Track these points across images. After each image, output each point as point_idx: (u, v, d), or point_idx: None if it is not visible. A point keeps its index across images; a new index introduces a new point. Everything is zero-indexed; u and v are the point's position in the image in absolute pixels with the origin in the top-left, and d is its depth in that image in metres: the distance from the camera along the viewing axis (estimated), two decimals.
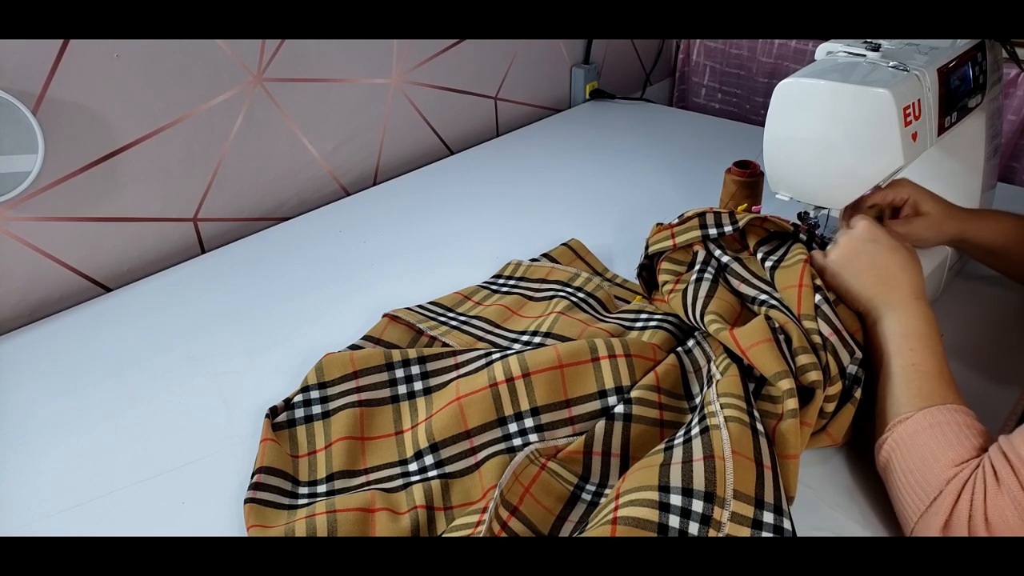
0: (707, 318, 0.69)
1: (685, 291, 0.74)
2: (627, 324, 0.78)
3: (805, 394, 0.61)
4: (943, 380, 0.59)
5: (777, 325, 0.65)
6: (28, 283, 0.88)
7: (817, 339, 0.63)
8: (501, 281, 0.91)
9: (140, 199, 0.95)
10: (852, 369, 0.64)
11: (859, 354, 0.65)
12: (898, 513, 0.56)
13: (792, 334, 0.64)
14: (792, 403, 0.59)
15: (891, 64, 0.73)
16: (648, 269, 0.84)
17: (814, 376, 0.60)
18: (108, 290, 0.95)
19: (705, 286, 0.73)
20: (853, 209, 0.77)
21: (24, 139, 0.80)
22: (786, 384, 0.59)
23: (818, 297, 0.67)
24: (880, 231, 0.69)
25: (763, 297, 0.70)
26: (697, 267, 0.76)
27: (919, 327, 0.62)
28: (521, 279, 0.91)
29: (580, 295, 0.84)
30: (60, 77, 0.83)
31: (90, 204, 0.91)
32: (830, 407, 0.62)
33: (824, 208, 0.78)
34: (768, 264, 0.73)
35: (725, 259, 0.76)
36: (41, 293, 0.90)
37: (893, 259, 0.67)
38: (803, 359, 0.61)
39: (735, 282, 0.74)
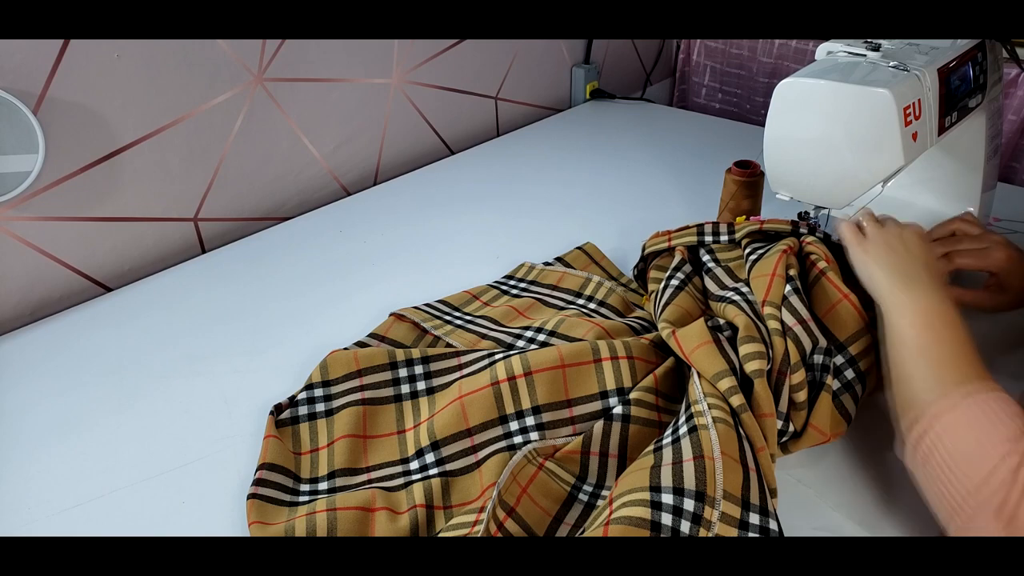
0: (660, 323, 0.70)
1: (653, 295, 0.77)
2: (637, 328, 0.78)
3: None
4: (979, 362, 0.57)
5: (723, 322, 0.67)
6: (29, 283, 0.88)
7: (776, 325, 0.64)
8: (512, 282, 0.91)
9: (140, 199, 0.95)
10: (819, 359, 0.65)
11: (823, 342, 0.65)
12: (939, 500, 0.52)
13: (740, 324, 0.65)
14: (737, 399, 0.59)
15: (891, 64, 0.73)
16: (645, 273, 0.86)
17: (756, 364, 0.61)
18: (108, 290, 0.95)
19: (668, 292, 0.74)
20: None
21: (24, 139, 0.80)
22: (726, 383, 0.60)
23: (788, 288, 0.67)
24: (922, 230, 0.68)
25: (727, 294, 0.71)
26: (668, 272, 0.78)
27: (946, 310, 0.60)
28: (533, 283, 0.91)
29: (592, 306, 0.84)
30: (60, 77, 0.83)
31: (90, 204, 0.91)
32: (800, 396, 0.62)
33: (824, 208, 0.78)
34: (753, 257, 0.74)
35: (710, 264, 0.77)
36: (42, 293, 0.90)
37: (926, 251, 0.66)
38: (748, 347, 0.62)
39: (712, 286, 0.75)
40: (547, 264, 0.94)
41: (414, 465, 0.65)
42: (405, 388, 0.72)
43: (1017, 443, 0.49)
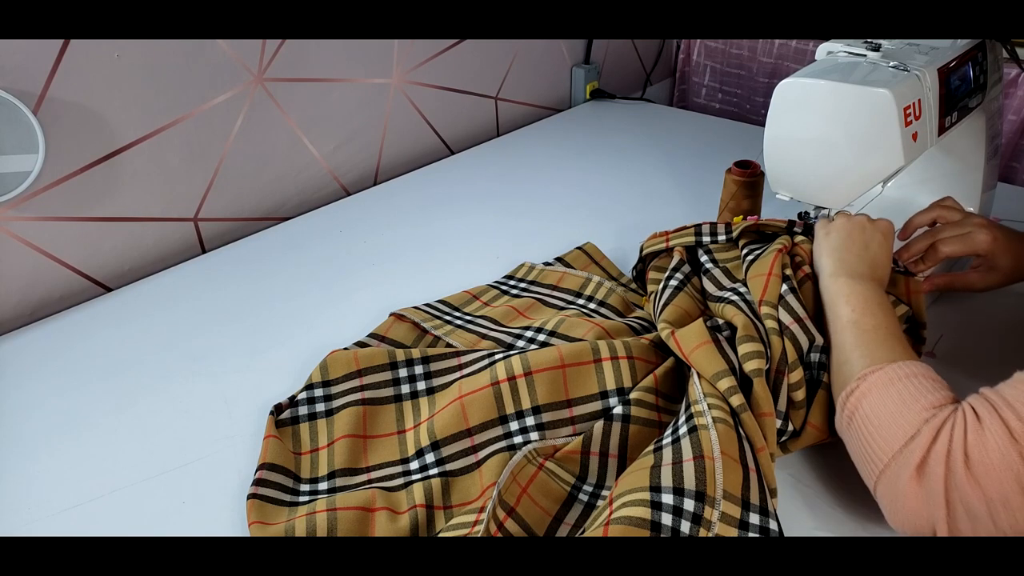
0: (659, 324, 0.70)
1: (653, 296, 0.77)
2: (637, 328, 0.78)
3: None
4: (908, 344, 0.61)
5: (722, 322, 0.67)
6: (29, 283, 0.88)
7: (773, 324, 0.64)
8: (512, 282, 0.91)
9: (140, 199, 0.95)
10: (816, 357, 0.65)
11: (819, 340, 0.65)
12: (864, 460, 0.55)
13: (739, 324, 0.65)
14: (737, 399, 0.59)
15: (891, 64, 0.73)
16: (643, 274, 0.86)
17: (755, 364, 0.61)
18: (109, 290, 0.95)
19: (667, 293, 0.75)
20: (905, 230, 0.79)
21: (25, 139, 0.80)
22: (726, 383, 0.60)
23: (784, 287, 0.67)
24: (890, 232, 0.70)
25: (726, 294, 0.71)
26: (667, 273, 0.78)
27: (883, 300, 0.64)
28: (533, 283, 0.91)
29: (592, 306, 0.84)
30: (60, 77, 0.83)
31: (90, 204, 0.91)
32: (798, 395, 0.62)
33: (824, 208, 0.78)
34: (750, 257, 0.74)
35: (708, 265, 0.77)
36: (42, 293, 0.90)
37: (883, 252, 0.69)
38: (746, 347, 0.63)
39: (709, 286, 0.75)
40: (547, 264, 0.94)
41: (414, 465, 0.65)
42: (405, 388, 0.72)
43: (940, 408, 0.52)
